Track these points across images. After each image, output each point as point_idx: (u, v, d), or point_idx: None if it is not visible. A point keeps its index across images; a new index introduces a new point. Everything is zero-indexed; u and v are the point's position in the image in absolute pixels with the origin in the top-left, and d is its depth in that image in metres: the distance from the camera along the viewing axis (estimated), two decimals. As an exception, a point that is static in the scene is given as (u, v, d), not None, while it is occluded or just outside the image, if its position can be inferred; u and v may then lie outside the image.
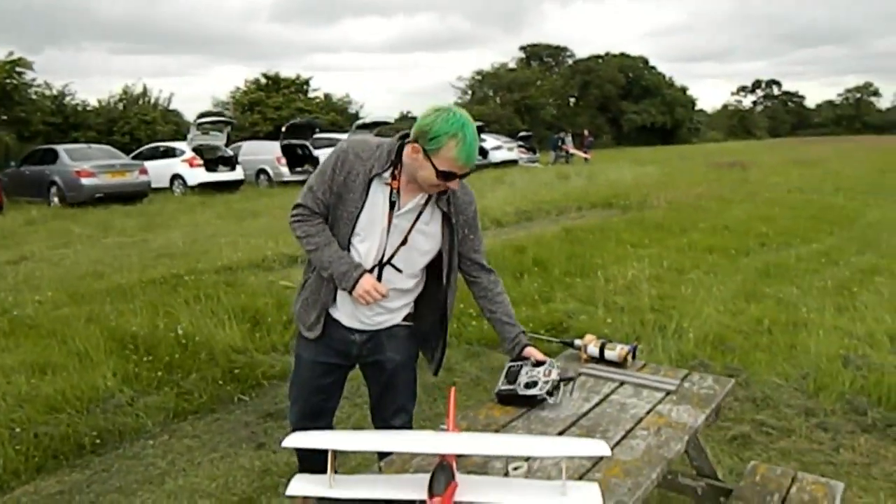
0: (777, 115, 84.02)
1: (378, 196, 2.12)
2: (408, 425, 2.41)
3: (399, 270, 2.20)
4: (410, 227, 2.16)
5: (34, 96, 28.39)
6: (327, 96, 42.30)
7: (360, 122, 23.29)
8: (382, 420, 2.42)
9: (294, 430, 2.37)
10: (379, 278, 2.19)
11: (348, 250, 2.17)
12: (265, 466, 3.29)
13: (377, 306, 2.22)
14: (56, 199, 15.21)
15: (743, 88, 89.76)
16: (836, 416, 3.68)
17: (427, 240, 2.19)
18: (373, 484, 1.66)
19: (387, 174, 2.11)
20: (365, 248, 2.16)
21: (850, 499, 2.87)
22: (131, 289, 6.27)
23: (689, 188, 14.96)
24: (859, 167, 21.80)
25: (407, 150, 2.08)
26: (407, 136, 2.11)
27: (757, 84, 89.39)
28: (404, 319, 2.33)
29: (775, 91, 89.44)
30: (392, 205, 2.13)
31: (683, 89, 63.17)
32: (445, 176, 2.02)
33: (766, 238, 8.70)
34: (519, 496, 1.59)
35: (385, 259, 2.18)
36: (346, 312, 2.27)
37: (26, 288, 6.57)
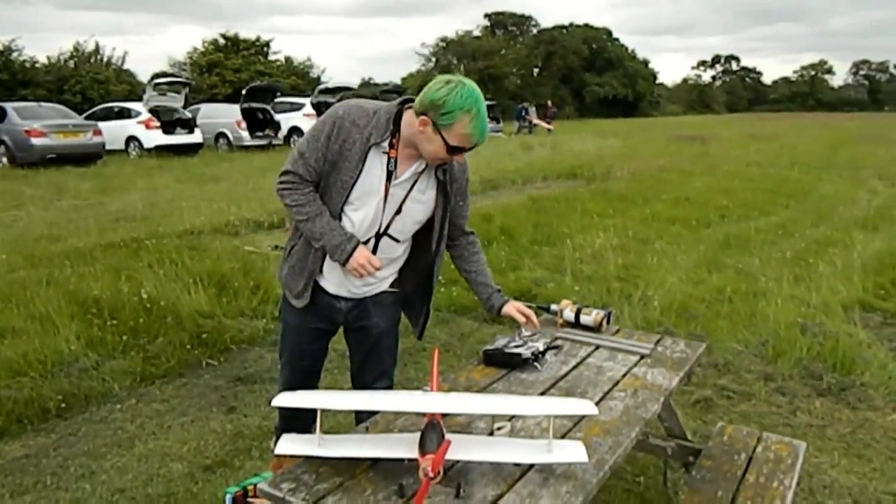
0: (735, 91, 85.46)
1: (375, 165, 2.06)
2: (389, 389, 2.42)
3: (396, 240, 2.18)
4: (405, 195, 2.11)
5: (-22, 51, 27.12)
6: (288, 59, 41.38)
7: (322, 86, 22.91)
8: (363, 384, 2.41)
9: (282, 391, 2.36)
10: (376, 248, 2.16)
11: (340, 219, 2.11)
12: (237, 430, 3.27)
13: (369, 277, 2.19)
14: (5, 160, 14.61)
15: (702, 63, 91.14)
16: (793, 381, 3.83)
17: (422, 208, 2.16)
18: (361, 443, 1.67)
19: (385, 142, 2.04)
20: (359, 216, 2.11)
21: (807, 458, 3.00)
22: (91, 252, 6.11)
23: (651, 160, 15.16)
24: (813, 143, 22.37)
25: (409, 119, 2.01)
26: (406, 102, 2.05)
27: (716, 59, 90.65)
28: (390, 286, 2.32)
29: (734, 66, 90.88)
30: (389, 174, 2.07)
31: (645, 62, 63.66)
32: (454, 150, 1.97)
33: (726, 210, 8.90)
34: (506, 454, 1.62)
35: (382, 230, 2.15)
36: (333, 281, 2.24)
37: (-22, 250, 6.34)
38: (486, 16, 61.22)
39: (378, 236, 2.15)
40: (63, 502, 2.72)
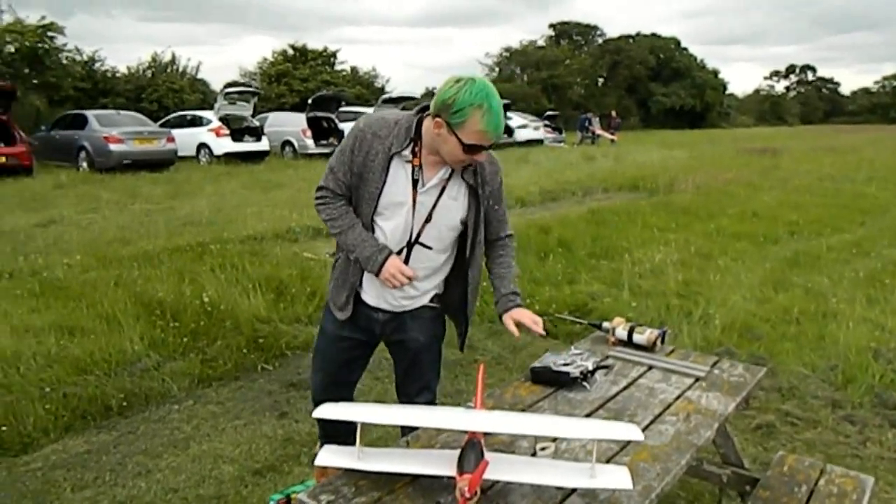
0: (810, 102, 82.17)
1: (399, 174, 2.06)
2: (431, 403, 2.37)
3: (429, 248, 2.15)
4: (434, 202, 2.09)
5: (65, 61, 28.59)
6: (354, 69, 42.14)
7: (385, 96, 23.19)
8: (406, 396, 2.39)
9: (315, 399, 2.38)
10: (408, 258, 2.14)
11: (372, 230, 2.13)
12: (287, 435, 3.32)
13: (409, 288, 2.18)
14: (85, 164, 15.37)
15: (776, 73, 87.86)
16: (863, 410, 3.62)
17: (454, 214, 2.13)
18: (401, 458, 1.66)
19: (406, 151, 2.04)
20: (390, 227, 2.11)
21: (878, 494, 2.83)
22: (158, 255, 6.34)
23: (718, 173, 14.72)
24: (893, 157, 21.27)
25: (428, 124, 2.00)
26: (425, 109, 2.04)
27: (791, 69, 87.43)
28: (431, 301, 2.28)
29: (809, 76, 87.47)
30: (415, 182, 2.06)
31: (715, 72, 61.97)
32: (471, 149, 1.94)
33: (796, 226, 8.54)
34: (548, 476, 1.58)
35: (413, 238, 2.13)
36: (372, 293, 2.23)
37: (55, 250, 6.67)
38: (551, 26, 60.87)
39: (410, 245, 2.13)
40: (120, 499, 2.81)
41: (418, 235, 2.13)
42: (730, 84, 77.94)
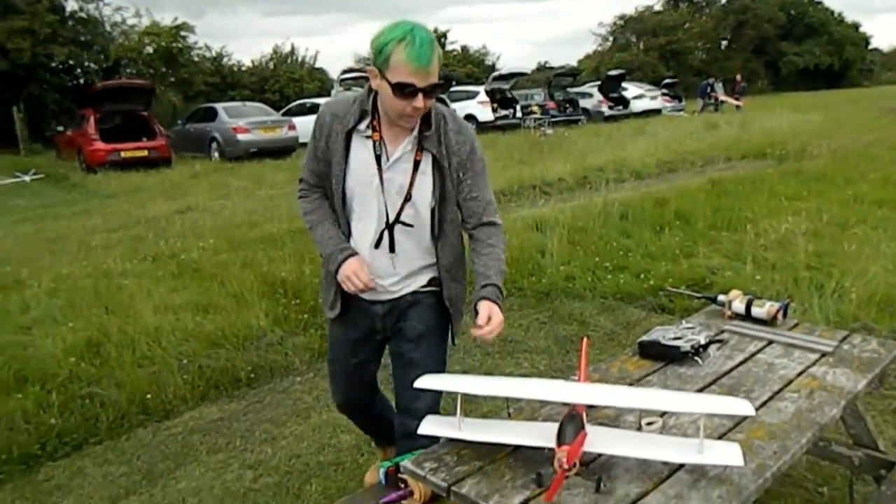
0: (971, 51, 73.35)
1: (362, 153, 1.96)
2: (434, 409, 2.05)
3: (410, 226, 2.01)
4: (411, 179, 1.96)
5: (196, 59, 30.63)
6: (464, 48, 42.26)
7: (496, 73, 23.09)
8: (405, 404, 2.13)
9: (337, 404, 2.45)
10: (392, 239, 2.01)
11: (349, 217, 2.04)
12: (401, 407, 3.43)
13: (390, 275, 2.07)
14: (216, 154, 16.43)
15: (929, 21, 78.94)
16: None
17: (426, 189, 1.97)
18: (500, 429, 1.68)
19: (363, 125, 1.94)
20: (365, 210, 2.01)
21: None
22: (281, 237, 6.69)
23: (858, 136, 13.51)
24: None
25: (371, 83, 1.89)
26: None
27: (947, 16, 78.26)
28: (430, 283, 2.11)
29: (970, 23, 77.93)
30: (378, 158, 1.94)
31: (855, 26, 56.60)
32: (402, 91, 1.78)
33: (950, 190, 7.70)
34: (653, 450, 1.54)
35: (392, 219, 2.00)
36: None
37: (191, 235, 7.20)
38: (669, -11, 57.94)
39: (390, 226, 2.00)
40: (249, 462, 3.03)
41: (398, 215, 1.99)
42: (873, 38, 70.93)
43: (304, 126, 18.06)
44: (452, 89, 21.69)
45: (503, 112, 20.47)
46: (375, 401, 2.45)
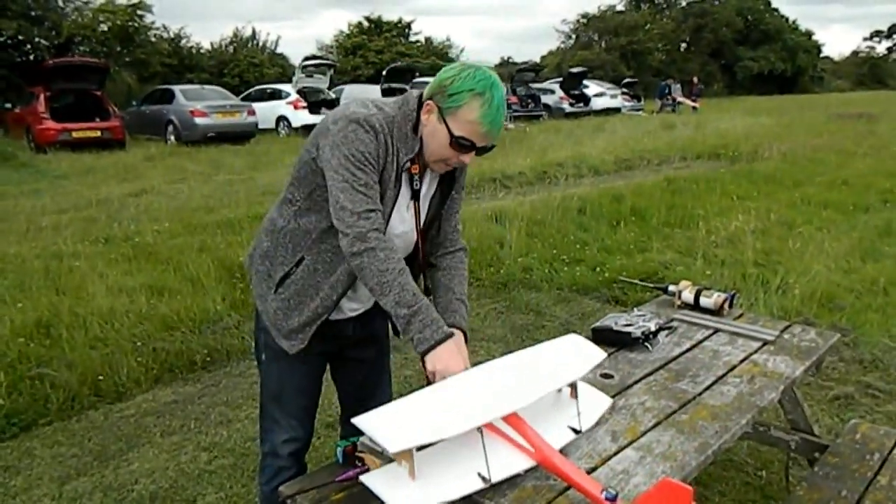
0: (915, 64, 76.29)
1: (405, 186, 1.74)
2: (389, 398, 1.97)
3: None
4: (437, 212, 1.82)
5: (153, 39, 29.82)
6: (428, 40, 42.10)
7: (460, 66, 23.07)
8: (371, 400, 1.80)
9: (290, 455, 1.95)
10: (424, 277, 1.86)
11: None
12: (358, 392, 3.45)
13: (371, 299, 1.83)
14: (172, 138, 16.08)
15: (877, 33, 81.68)
16: (953, 384, 3.44)
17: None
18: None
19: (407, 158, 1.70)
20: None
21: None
22: (239, 222, 6.62)
23: (807, 140, 13.97)
24: None
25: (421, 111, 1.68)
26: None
27: (894, 28, 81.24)
28: None
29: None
30: (416, 193, 1.75)
31: (808, 34, 58.34)
32: (460, 144, 1.63)
33: (890, 194, 8.04)
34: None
35: (422, 259, 1.84)
36: (356, 303, 1.86)
37: (146, 218, 7.06)
38: (631, -11, 58.73)
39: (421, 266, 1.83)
40: (204, 444, 3.01)
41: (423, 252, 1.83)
42: (825, 46, 73.40)
43: (264, 112, 17.85)
44: (416, 80, 21.66)
45: None
46: None
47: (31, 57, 25.45)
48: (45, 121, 14.44)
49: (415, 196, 1.75)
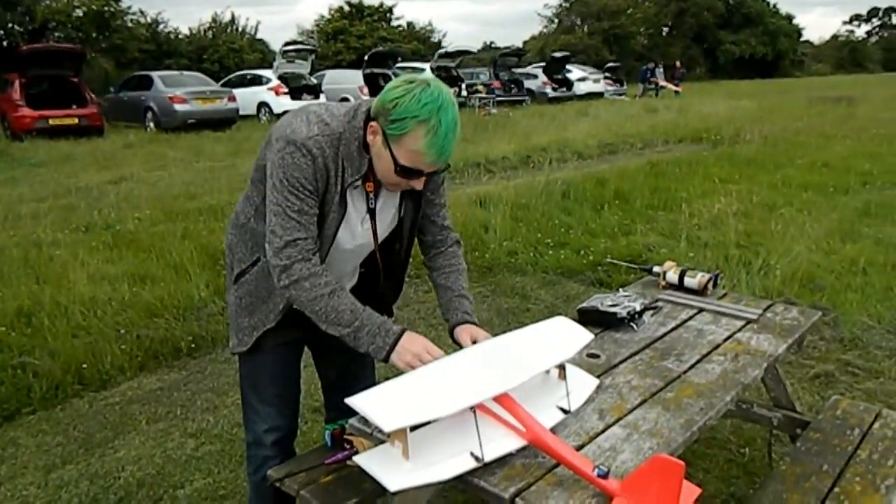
0: (894, 47, 77.01)
1: (357, 204, 1.69)
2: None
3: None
4: (398, 223, 1.78)
5: (130, 24, 29.36)
6: (410, 25, 41.90)
7: (442, 51, 23.01)
8: (355, 385, 1.72)
9: (274, 444, 1.92)
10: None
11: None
12: (345, 377, 3.45)
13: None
14: (152, 124, 15.88)
15: (857, 17, 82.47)
16: (930, 361, 3.51)
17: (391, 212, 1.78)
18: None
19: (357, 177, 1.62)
20: (341, 263, 1.77)
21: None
22: (222, 209, 6.56)
23: (788, 123, 14.10)
24: (984, 104, 19.86)
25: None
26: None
27: (873, 12, 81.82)
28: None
29: (894, 20, 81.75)
30: (372, 213, 1.70)
31: (789, 18, 58.75)
32: (406, 172, 1.55)
33: (870, 176, 8.15)
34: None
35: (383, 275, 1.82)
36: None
37: (126, 206, 6.98)
38: (614, -27, 58.58)
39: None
40: (190, 431, 3.00)
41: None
42: (805, 30, 73.81)
43: (245, 98, 17.67)
44: (398, 65, 21.54)
45: None
46: None
47: (5, 43, 25.00)
48: (21, 108, 14.18)
49: (370, 213, 1.69)
